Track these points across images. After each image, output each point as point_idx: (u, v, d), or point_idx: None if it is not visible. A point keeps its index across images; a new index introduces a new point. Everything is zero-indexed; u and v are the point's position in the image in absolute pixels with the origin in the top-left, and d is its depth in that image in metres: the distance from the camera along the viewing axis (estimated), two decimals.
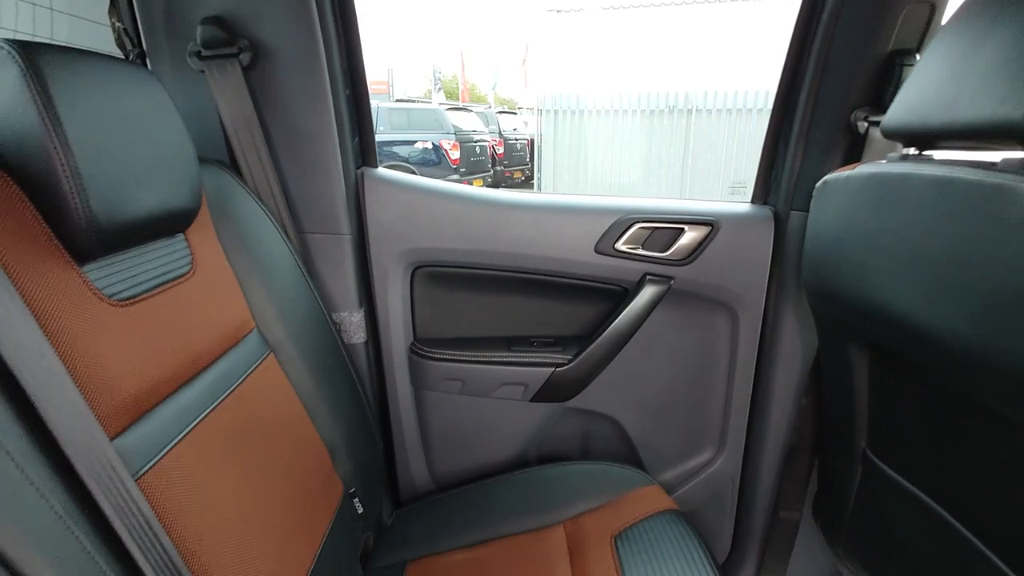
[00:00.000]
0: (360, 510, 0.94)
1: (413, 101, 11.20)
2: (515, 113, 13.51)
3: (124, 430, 0.55)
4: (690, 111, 8.60)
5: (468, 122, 8.96)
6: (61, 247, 0.55)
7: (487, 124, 10.07)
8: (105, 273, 0.59)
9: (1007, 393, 0.56)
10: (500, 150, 10.00)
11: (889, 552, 0.87)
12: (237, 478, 0.67)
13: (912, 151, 0.73)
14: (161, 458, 0.57)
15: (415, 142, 8.12)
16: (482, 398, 1.17)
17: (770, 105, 1.08)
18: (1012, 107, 0.53)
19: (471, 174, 8.42)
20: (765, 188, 1.11)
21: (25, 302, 0.49)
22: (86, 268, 0.57)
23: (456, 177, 7.88)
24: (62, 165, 0.52)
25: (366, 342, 1.13)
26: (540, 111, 9.34)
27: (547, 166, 9.03)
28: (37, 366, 0.47)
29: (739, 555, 1.24)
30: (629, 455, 1.25)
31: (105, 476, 0.49)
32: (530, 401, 1.16)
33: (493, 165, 9.57)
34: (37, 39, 0.92)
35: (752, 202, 1.14)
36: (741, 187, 7.58)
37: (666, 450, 1.23)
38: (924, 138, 0.69)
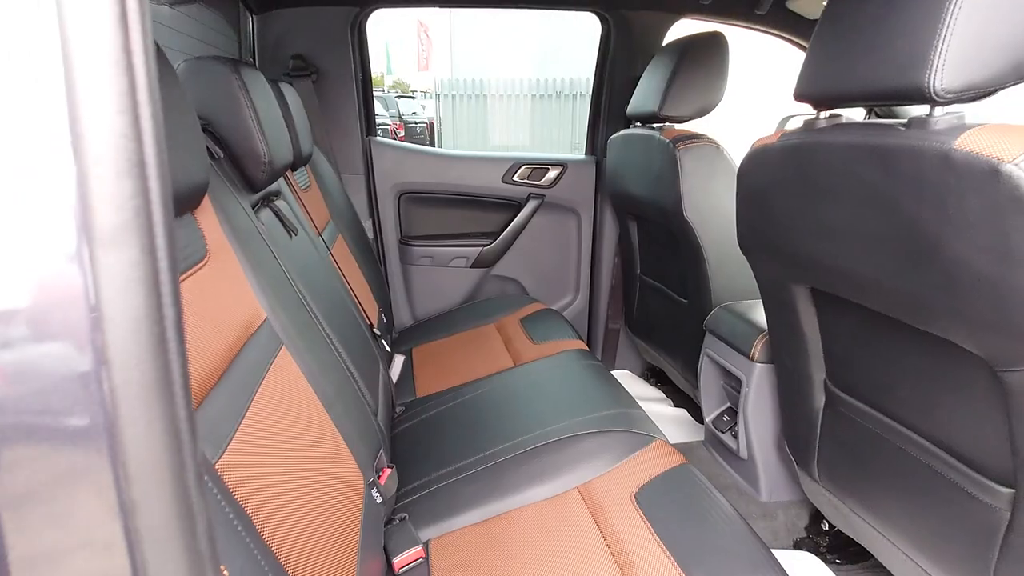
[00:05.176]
0: (384, 320, 1.77)
1: None
2: (412, 97, 14.10)
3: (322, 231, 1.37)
4: (575, 96, 9.78)
5: None
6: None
7: (387, 108, 10.63)
8: (297, 176, 1.40)
9: (669, 221, 1.52)
10: (401, 133, 10.59)
11: (646, 320, 1.85)
12: (345, 265, 1.50)
13: (638, 122, 1.69)
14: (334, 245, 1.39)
15: None
16: (442, 267, 2.04)
17: None
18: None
19: None
20: (591, 146, 2.06)
21: (291, 185, 1.30)
22: (296, 174, 1.38)
23: None
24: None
25: (374, 237, 1.95)
26: (438, 96, 10.10)
27: (447, 147, 9.81)
28: (295, 210, 1.29)
29: (592, 352, 2.21)
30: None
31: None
32: (470, 268, 2.05)
33: None
34: None
35: (585, 154, 2.08)
36: (579, 146, 9.19)
37: (546, 296, 2.15)
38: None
